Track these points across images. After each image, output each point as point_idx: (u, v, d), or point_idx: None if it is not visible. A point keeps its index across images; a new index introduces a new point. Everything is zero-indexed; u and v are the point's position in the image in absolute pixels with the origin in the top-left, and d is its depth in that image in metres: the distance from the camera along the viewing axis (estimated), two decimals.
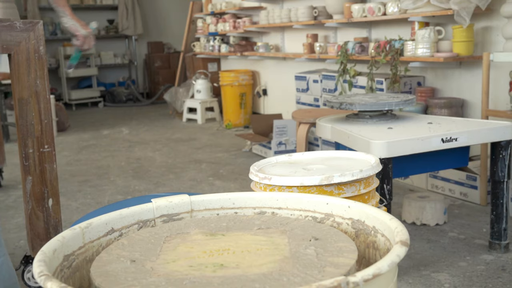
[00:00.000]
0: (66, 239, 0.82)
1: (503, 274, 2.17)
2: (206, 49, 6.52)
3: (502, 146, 2.30)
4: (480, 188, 2.99)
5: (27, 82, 1.87)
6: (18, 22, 1.83)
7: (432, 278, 2.16)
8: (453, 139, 2.19)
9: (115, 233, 0.92)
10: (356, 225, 0.89)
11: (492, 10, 3.07)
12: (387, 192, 2.08)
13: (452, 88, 3.44)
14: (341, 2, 4.00)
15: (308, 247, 0.80)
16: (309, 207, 0.96)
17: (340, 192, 1.56)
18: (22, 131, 1.89)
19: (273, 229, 0.90)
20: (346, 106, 2.45)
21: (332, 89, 4.10)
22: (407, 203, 2.80)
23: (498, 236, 2.37)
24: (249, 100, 5.90)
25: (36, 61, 1.87)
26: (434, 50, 3.26)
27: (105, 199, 3.41)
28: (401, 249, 0.70)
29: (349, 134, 2.25)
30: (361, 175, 1.56)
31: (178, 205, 0.98)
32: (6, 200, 3.50)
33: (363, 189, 1.60)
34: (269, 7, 5.39)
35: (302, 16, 4.42)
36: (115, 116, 7.28)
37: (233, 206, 1.00)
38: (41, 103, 1.90)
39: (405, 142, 2.11)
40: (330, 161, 1.79)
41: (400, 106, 2.44)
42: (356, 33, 4.22)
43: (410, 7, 3.29)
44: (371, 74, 3.65)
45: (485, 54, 2.86)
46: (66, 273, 0.80)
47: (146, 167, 4.25)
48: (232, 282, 0.70)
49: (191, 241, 0.86)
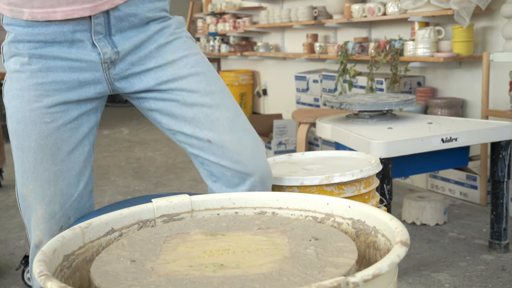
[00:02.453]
0: (66, 239, 0.82)
1: (503, 274, 2.17)
2: (206, 49, 6.52)
3: (502, 146, 2.30)
4: (480, 188, 2.99)
5: None
6: None
7: (432, 278, 2.16)
8: (453, 139, 2.19)
9: (115, 233, 0.92)
10: (356, 225, 0.89)
11: (492, 10, 3.07)
12: (387, 192, 2.08)
13: (452, 88, 3.44)
14: (341, 2, 4.00)
15: (308, 247, 0.80)
16: (309, 207, 0.96)
17: (340, 192, 1.57)
18: None
19: (273, 229, 0.90)
20: (346, 106, 2.45)
21: (332, 89, 4.10)
22: (407, 203, 2.80)
23: (498, 236, 2.37)
24: (249, 100, 5.90)
25: None
26: (434, 50, 3.26)
27: (105, 199, 3.41)
28: (401, 249, 0.70)
29: (349, 134, 2.25)
30: (361, 175, 1.56)
31: (178, 205, 0.99)
32: (6, 200, 3.50)
33: (363, 189, 1.60)
34: (269, 7, 5.39)
35: (302, 16, 4.42)
36: (115, 116, 7.28)
37: (233, 206, 1.00)
38: None
39: (405, 142, 2.11)
40: (330, 161, 1.79)
41: (400, 106, 2.45)
42: (356, 33, 4.22)
43: (410, 7, 3.29)
44: (371, 74, 3.65)
45: (485, 54, 2.86)
46: (66, 273, 0.80)
47: (146, 167, 4.25)
48: (232, 282, 0.70)
49: (191, 241, 0.86)
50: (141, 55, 1.20)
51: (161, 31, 1.23)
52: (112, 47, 1.17)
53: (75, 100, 1.19)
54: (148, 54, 1.21)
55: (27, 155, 1.17)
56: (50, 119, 1.16)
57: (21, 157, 1.18)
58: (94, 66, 1.17)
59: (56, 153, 1.17)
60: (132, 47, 1.19)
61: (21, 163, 1.18)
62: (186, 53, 1.24)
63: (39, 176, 1.17)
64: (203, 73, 1.23)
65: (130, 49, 1.19)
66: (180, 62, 1.23)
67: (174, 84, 1.21)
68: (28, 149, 1.17)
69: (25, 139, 1.17)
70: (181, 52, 1.23)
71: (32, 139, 1.16)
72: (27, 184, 1.18)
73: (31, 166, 1.17)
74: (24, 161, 1.17)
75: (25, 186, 1.18)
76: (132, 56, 1.20)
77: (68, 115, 1.18)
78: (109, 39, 1.17)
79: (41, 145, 1.16)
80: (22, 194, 1.19)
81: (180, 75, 1.21)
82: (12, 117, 1.18)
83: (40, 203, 1.18)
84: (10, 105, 1.18)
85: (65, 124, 1.18)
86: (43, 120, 1.16)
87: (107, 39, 1.16)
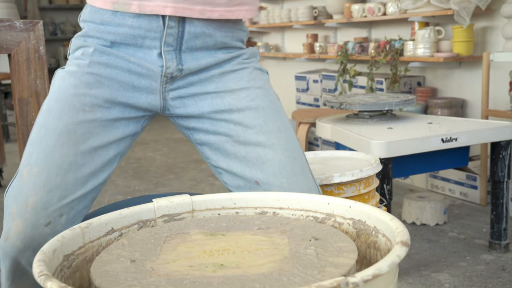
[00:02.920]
0: (66, 239, 0.82)
1: (503, 274, 2.17)
2: None
3: (502, 146, 2.30)
4: (480, 188, 2.99)
5: (27, 82, 1.87)
6: (18, 22, 1.83)
7: (432, 278, 2.16)
8: (453, 139, 2.19)
9: (115, 233, 0.92)
10: (357, 225, 0.89)
11: (492, 10, 3.07)
12: (387, 192, 2.08)
13: (452, 88, 3.44)
14: (341, 2, 4.00)
15: (308, 247, 0.80)
16: (310, 207, 0.96)
17: (340, 192, 1.57)
18: (22, 131, 1.89)
19: (273, 229, 0.90)
20: (346, 106, 2.45)
21: (332, 89, 4.10)
22: (407, 203, 2.80)
23: (498, 236, 2.37)
24: None
25: (36, 61, 1.87)
26: (434, 50, 3.26)
27: (105, 199, 3.41)
28: (401, 250, 0.70)
29: (349, 134, 2.25)
30: (361, 175, 1.56)
31: (179, 205, 0.98)
32: None
33: (363, 189, 1.60)
34: (269, 7, 5.39)
35: (302, 16, 4.42)
36: None
37: (234, 206, 1.00)
38: (41, 103, 1.90)
39: (405, 142, 2.11)
40: (330, 161, 1.79)
41: (400, 106, 2.45)
42: (356, 33, 4.22)
43: (410, 7, 3.29)
44: (371, 74, 3.65)
45: (485, 54, 2.86)
46: (66, 273, 0.80)
47: (146, 167, 4.25)
48: (232, 282, 0.70)
49: (191, 241, 0.86)
50: (203, 77, 1.17)
51: (231, 60, 1.19)
52: (177, 63, 1.14)
53: (123, 102, 1.15)
54: (210, 77, 1.17)
55: (50, 135, 1.09)
56: (90, 109, 1.11)
57: (42, 136, 1.09)
58: (153, 75, 1.14)
59: (80, 143, 1.10)
60: (197, 69, 1.16)
61: (38, 143, 1.09)
62: (249, 85, 1.19)
63: (53, 160, 1.08)
64: (262, 108, 1.17)
65: (195, 70, 1.16)
66: (240, 92, 1.18)
67: (230, 115, 1.16)
68: (54, 129, 1.09)
69: (55, 119, 1.09)
70: (244, 83, 1.19)
71: (62, 120, 1.09)
72: (33, 165, 1.07)
73: (49, 147, 1.08)
74: (43, 141, 1.08)
75: (29, 167, 1.08)
76: (193, 76, 1.17)
77: (109, 113, 1.14)
78: (178, 54, 1.14)
79: (69, 129, 1.09)
80: (20, 175, 1.09)
81: (238, 107, 1.16)
82: (52, 95, 1.12)
83: (38, 190, 1.06)
84: (56, 84, 1.13)
85: (102, 120, 1.13)
86: (83, 108, 1.11)
87: (176, 53, 1.14)
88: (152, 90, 1.16)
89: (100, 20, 1.14)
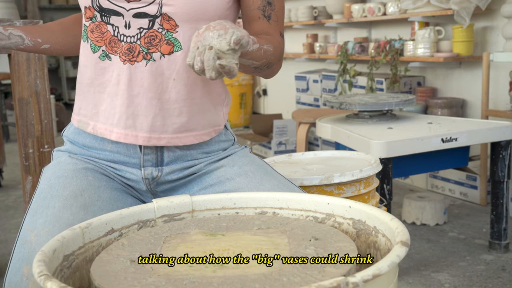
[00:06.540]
0: (66, 239, 0.82)
1: (503, 274, 2.17)
2: None
3: (502, 146, 2.31)
4: (480, 188, 2.99)
5: (27, 82, 1.87)
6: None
7: (432, 278, 2.16)
8: (453, 139, 2.19)
9: (115, 233, 0.92)
10: (357, 225, 0.89)
11: (492, 10, 3.07)
12: (387, 192, 2.08)
13: (452, 88, 3.44)
14: (341, 2, 4.00)
15: (308, 247, 0.80)
16: (310, 207, 0.96)
17: (340, 192, 1.57)
18: (22, 131, 1.89)
19: (273, 229, 0.90)
20: (346, 106, 2.45)
21: (332, 89, 4.10)
22: (407, 203, 2.80)
23: (498, 236, 2.37)
24: (249, 100, 5.90)
25: (36, 61, 1.87)
26: (434, 50, 3.26)
27: None
28: (401, 250, 0.70)
29: (349, 134, 2.25)
30: (361, 175, 1.56)
31: (179, 205, 0.98)
32: (6, 200, 3.50)
33: (363, 189, 1.60)
34: None
35: (302, 16, 4.42)
36: None
37: (234, 206, 1.00)
38: (41, 103, 1.90)
39: (405, 142, 2.11)
40: (330, 161, 1.79)
41: (400, 106, 2.45)
42: (356, 33, 4.22)
43: (410, 7, 3.29)
44: (371, 74, 3.65)
45: (485, 54, 2.86)
46: (66, 273, 0.80)
47: None
48: (232, 282, 0.70)
49: (191, 241, 0.86)
50: (186, 165, 1.19)
51: (213, 163, 1.21)
52: (158, 171, 1.18)
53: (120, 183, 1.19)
54: (192, 165, 1.20)
55: (56, 200, 1.05)
56: (94, 178, 1.13)
57: (46, 205, 1.05)
58: (137, 180, 1.18)
59: (88, 206, 1.07)
60: (179, 169, 1.19)
61: (42, 210, 1.04)
62: (234, 163, 1.20)
63: (63, 218, 1.02)
64: (252, 172, 1.17)
65: (176, 170, 1.19)
66: (227, 165, 1.19)
67: (220, 187, 1.17)
68: (59, 197, 1.06)
69: (59, 189, 1.07)
70: (228, 161, 1.21)
71: (67, 189, 1.07)
72: (41, 228, 1.02)
73: (56, 208, 1.03)
74: (50, 207, 1.04)
75: (36, 231, 1.02)
76: (177, 182, 1.20)
77: (112, 182, 1.16)
78: (160, 170, 1.18)
79: (76, 195, 1.07)
80: (23, 242, 1.05)
81: (227, 177, 1.17)
82: (51, 175, 1.11)
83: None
84: (51, 167, 1.14)
85: (108, 188, 1.13)
86: (86, 177, 1.12)
87: (156, 168, 1.18)
88: (140, 190, 1.20)
89: (83, 143, 1.19)
